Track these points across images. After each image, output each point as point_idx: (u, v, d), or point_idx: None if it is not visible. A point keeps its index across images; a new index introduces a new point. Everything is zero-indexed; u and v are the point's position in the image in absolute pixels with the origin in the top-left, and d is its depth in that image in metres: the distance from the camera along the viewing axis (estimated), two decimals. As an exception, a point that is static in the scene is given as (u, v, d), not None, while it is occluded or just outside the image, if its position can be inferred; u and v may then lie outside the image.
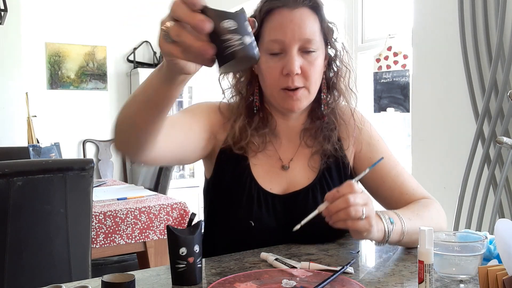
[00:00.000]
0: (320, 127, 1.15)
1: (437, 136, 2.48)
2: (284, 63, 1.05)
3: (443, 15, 2.42)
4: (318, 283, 0.81)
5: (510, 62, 2.06)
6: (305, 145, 1.16)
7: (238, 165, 1.13)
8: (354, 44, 3.33)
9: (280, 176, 1.14)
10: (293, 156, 1.16)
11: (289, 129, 1.18)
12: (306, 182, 1.13)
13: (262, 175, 1.13)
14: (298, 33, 1.04)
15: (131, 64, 5.01)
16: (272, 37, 1.05)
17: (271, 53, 1.06)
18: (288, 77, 1.05)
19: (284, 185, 1.14)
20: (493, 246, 0.92)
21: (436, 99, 2.49)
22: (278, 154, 1.16)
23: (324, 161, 1.14)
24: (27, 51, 4.26)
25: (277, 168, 1.15)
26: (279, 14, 1.05)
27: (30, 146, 2.64)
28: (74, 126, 4.77)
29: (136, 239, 2.14)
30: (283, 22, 1.04)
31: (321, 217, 0.92)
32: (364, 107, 3.34)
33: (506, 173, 2.06)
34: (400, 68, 2.89)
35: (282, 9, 1.05)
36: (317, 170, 1.14)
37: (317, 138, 1.15)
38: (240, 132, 1.11)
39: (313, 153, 1.15)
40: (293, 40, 1.04)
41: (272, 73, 1.06)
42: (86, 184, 1.75)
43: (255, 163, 1.13)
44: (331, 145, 1.14)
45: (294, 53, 1.04)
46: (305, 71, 1.06)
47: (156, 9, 5.16)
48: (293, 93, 1.06)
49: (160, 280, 0.90)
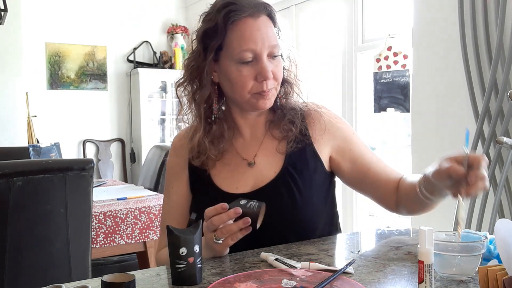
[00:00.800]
0: (282, 115, 1.20)
1: (437, 136, 2.48)
2: (258, 70, 1.09)
3: (443, 15, 2.42)
4: (318, 283, 0.81)
5: (510, 62, 2.06)
6: (271, 136, 1.21)
7: (200, 176, 1.19)
8: (354, 44, 3.33)
9: (246, 174, 1.17)
10: (257, 151, 1.20)
11: (252, 127, 1.22)
12: (272, 174, 1.16)
13: (226, 179, 1.17)
14: (267, 40, 1.09)
15: (131, 64, 5.02)
16: (243, 47, 1.08)
17: (243, 62, 1.09)
18: (262, 83, 1.10)
19: (252, 181, 1.16)
20: (493, 246, 0.92)
21: (436, 99, 2.49)
22: (240, 155, 1.20)
23: (291, 145, 1.17)
24: (27, 51, 4.27)
25: (242, 167, 1.18)
26: (245, 24, 1.08)
27: (30, 146, 2.65)
28: (74, 126, 4.77)
29: (136, 239, 2.14)
30: (252, 32, 1.08)
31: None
32: (364, 107, 3.35)
33: (506, 173, 2.06)
34: (400, 68, 2.89)
35: (247, 18, 1.08)
36: (284, 154, 1.18)
37: (282, 126, 1.19)
38: (198, 146, 1.17)
39: (281, 140, 1.19)
40: (263, 48, 1.08)
41: (245, 80, 1.10)
42: (86, 184, 1.75)
43: (214, 173, 1.18)
44: (297, 129, 1.18)
45: (265, 60, 1.09)
46: (275, 74, 1.11)
47: (156, 9, 5.17)
48: (265, 94, 1.11)
49: (160, 280, 0.90)
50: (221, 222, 0.95)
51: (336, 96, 3.55)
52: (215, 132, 1.17)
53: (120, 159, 5.08)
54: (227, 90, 1.15)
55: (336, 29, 3.53)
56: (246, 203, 0.97)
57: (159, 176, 2.93)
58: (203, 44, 1.12)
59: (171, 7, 5.27)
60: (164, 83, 5.01)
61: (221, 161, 1.19)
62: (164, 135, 5.06)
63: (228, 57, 1.09)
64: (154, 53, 5.12)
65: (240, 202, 0.97)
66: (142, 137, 4.85)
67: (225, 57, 1.10)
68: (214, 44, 1.09)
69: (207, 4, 1.15)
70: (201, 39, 1.12)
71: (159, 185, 2.91)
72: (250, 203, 0.97)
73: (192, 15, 5.22)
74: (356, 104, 3.36)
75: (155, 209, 2.20)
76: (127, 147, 5.10)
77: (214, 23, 1.09)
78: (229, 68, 1.10)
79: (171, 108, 5.09)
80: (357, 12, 3.31)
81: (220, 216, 0.95)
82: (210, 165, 1.18)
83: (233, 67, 1.09)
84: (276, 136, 1.20)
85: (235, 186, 1.16)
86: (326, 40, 3.71)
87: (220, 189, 1.16)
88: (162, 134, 5.06)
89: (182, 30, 5.10)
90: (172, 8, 5.27)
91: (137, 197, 2.41)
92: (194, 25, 1.16)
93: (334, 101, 3.54)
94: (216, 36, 1.09)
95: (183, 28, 5.12)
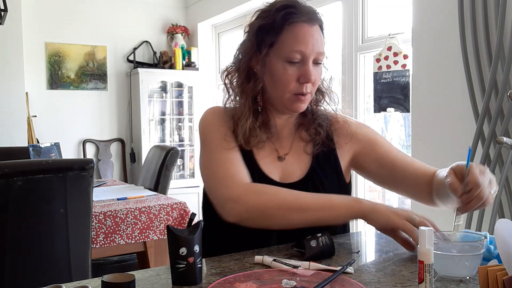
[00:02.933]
0: (311, 120, 1.27)
1: (437, 136, 2.48)
2: (302, 72, 1.15)
3: (443, 15, 2.42)
4: (318, 283, 0.81)
5: (510, 62, 2.06)
6: (300, 137, 1.27)
7: (244, 159, 1.20)
8: (354, 44, 3.33)
9: (276, 165, 1.23)
10: (288, 151, 1.25)
11: (282, 127, 1.27)
12: (300, 173, 1.22)
13: (265, 164, 1.22)
14: (316, 47, 1.15)
15: (131, 64, 5.01)
16: (295, 48, 1.14)
17: (291, 61, 1.15)
18: (303, 85, 1.16)
19: (280, 173, 1.22)
20: (493, 246, 0.92)
21: (436, 99, 2.49)
22: (275, 146, 1.25)
23: (317, 148, 1.24)
24: (27, 51, 4.27)
25: (274, 158, 1.24)
26: (301, 28, 1.15)
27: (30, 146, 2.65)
28: (74, 126, 4.77)
29: (136, 239, 2.14)
30: (305, 36, 1.14)
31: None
32: (364, 107, 3.34)
33: (506, 173, 2.06)
34: (400, 68, 2.88)
35: (304, 23, 1.15)
36: (311, 156, 1.24)
37: (310, 129, 1.25)
38: (250, 131, 1.19)
39: (308, 141, 1.25)
40: (312, 53, 1.15)
41: (289, 79, 1.16)
42: (86, 184, 1.75)
43: (260, 154, 1.22)
44: (324, 133, 1.25)
45: (310, 64, 1.15)
46: (315, 80, 1.18)
47: (156, 9, 5.17)
48: (303, 97, 1.18)
49: (160, 280, 0.90)
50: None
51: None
52: (262, 120, 1.22)
53: (120, 159, 5.08)
54: (269, 86, 1.20)
55: (336, 29, 3.54)
56: (316, 243, 0.99)
57: (159, 176, 2.93)
58: (257, 38, 1.18)
59: (171, 7, 5.27)
60: (164, 83, 5.01)
61: (265, 146, 1.22)
62: (164, 135, 5.06)
63: (278, 55, 1.15)
64: (154, 53, 5.11)
65: (311, 244, 0.99)
66: (142, 137, 4.85)
67: (274, 54, 1.16)
68: (268, 40, 1.16)
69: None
70: (255, 33, 1.18)
71: (159, 185, 2.91)
72: (319, 240, 1.00)
73: (192, 15, 5.22)
74: (356, 104, 3.36)
75: (155, 209, 2.20)
76: (127, 147, 5.10)
77: (272, 20, 1.16)
78: (276, 65, 1.16)
79: (171, 108, 5.09)
80: (357, 12, 3.31)
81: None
82: (256, 148, 1.21)
83: (280, 64, 1.15)
84: (304, 138, 1.26)
85: (269, 171, 1.21)
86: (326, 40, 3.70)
87: (261, 170, 1.20)
88: (162, 134, 5.06)
89: (182, 30, 5.10)
90: (172, 8, 5.27)
91: (137, 197, 2.41)
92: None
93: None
94: (272, 32, 1.15)
95: (183, 28, 5.12)
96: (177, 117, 5.11)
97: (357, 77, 3.34)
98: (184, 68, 4.98)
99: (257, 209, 1.07)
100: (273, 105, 1.23)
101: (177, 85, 5.05)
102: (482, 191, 0.95)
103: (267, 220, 1.08)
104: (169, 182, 2.99)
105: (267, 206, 1.07)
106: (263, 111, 1.23)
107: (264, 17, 1.18)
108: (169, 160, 2.93)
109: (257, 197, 1.08)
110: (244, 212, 1.07)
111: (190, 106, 5.08)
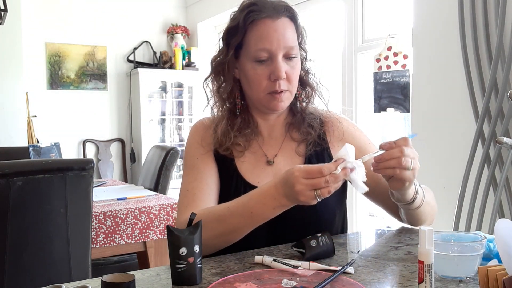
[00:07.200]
0: (302, 119, 1.24)
1: (437, 136, 2.48)
2: (271, 70, 1.13)
3: (443, 15, 2.42)
4: (318, 283, 0.81)
5: (510, 62, 2.06)
6: (291, 138, 1.23)
7: (224, 165, 1.19)
8: (354, 44, 3.33)
9: (266, 170, 1.20)
10: (277, 152, 1.22)
11: (271, 128, 1.25)
12: None
13: (250, 171, 1.19)
14: (282, 41, 1.12)
15: (131, 64, 5.02)
16: (259, 46, 1.12)
17: (258, 61, 1.13)
18: (275, 82, 1.13)
19: (270, 178, 1.18)
20: (493, 244, 0.92)
21: (436, 99, 2.49)
22: (262, 150, 1.22)
23: (310, 148, 1.21)
24: (27, 51, 4.27)
25: (262, 163, 1.21)
26: (263, 24, 1.12)
27: (30, 146, 2.64)
28: (74, 126, 4.77)
29: (136, 239, 2.14)
30: (269, 32, 1.12)
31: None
32: (364, 107, 3.35)
33: (506, 173, 2.06)
34: (400, 68, 2.89)
35: (265, 19, 1.12)
36: (304, 157, 1.21)
37: (301, 129, 1.23)
38: (223, 135, 1.18)
39: (300, 142, 1.22)
40: (278, 48, 1.12)
41: (260, 79, 1.14)
42: (86, 184, 1.75)
43: (242, 160, 1.20)
44: (316, 132, 1.21)
45: (279, 60, 1.12)
46: (289, 75, 1.14)
47: (156, 9, 5.17)
48: (278, 96, 1.15)
49: (160, 280, 0.90)
50: (321, 183, 0.90)
51: (336, 96, 3.55)
52: (240, 122, 1.20)
53: (120, 159, 5.08)
54: (245, 87, 1.19)
55: (336, 29, 3.54)
56: (316, 242, 0.99)
57: (159, 176, 2.93)
58: (226, 41, 1.18)
59: (171, 7, 5.27)
60: (164, 83, 5.01)
61: (248, 150, 1.21)
62: (164, 135, 5.06)
63: (246, 56, 1.14)
64: (154, 53, 5.12)
65: (311, 244, 0.99)
66: (142, 137, 4.86)
67: (243, 55, 1.15)
68: (234, 42, 1.15)
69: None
70: (224, 37, 1.19)
71: (159, 185, 2.91)
72: (319, 240, 1.00)
73: (192, 15, 5.22)
74: (356, 104, 3.36)
75: (155, 209, 2.20)
76: (127, 147, 5.10)
77: (237, 22, 1.15)
78: (246, 65, 1.15)
79: (171, 108, 5.09)
80: (357, 12, 3.30)
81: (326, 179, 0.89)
82: (236, 154, 1.19)
83: (249, 65, 1.14)
84: (295, 138, 1.23)
85: (257, 179, 1.18)
86: (326, 40, 3.71)
87: (243, 179, 1.17)
88: (162, 134, 5.06)
89: (182, 30, 5.10)
90: (172, 8, 5.27)
91: (137, 197, 2.41)
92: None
93: (334, 101, 3.54)
94: (237, 34, 1.14)
95: (183, 28, 5.12)
96: (177, 117, 5.11)
97: (357, 77, 3.34)
98: (184, 68, 4.98)
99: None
100: (255, 107, 1.22)
101: (177, 85, 5.05)
102: (401, 150, 0.94)
103: (207, 241, 1.00)
104: (169, 182, 2.99)
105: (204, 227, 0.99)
106: (245, 114, 1.22)
107: (232, 19, 1.18)
108: (169, 160, 2.93)
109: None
110: None
111: (190, 106, 5.08)
